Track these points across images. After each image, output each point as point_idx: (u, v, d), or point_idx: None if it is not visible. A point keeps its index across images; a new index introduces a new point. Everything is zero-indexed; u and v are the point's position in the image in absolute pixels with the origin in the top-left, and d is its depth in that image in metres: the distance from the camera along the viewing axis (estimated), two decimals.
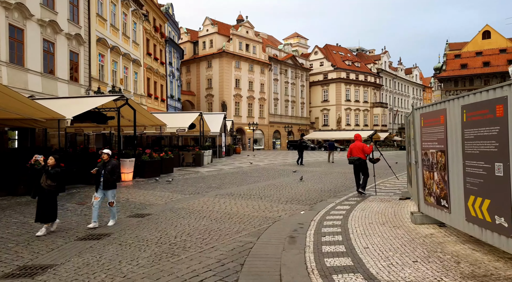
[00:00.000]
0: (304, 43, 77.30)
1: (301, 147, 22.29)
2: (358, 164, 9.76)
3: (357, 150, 9.89)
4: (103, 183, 6.79)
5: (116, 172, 7.01)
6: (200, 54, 50.67)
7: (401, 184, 11.83)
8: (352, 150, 10.03)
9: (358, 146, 9.97)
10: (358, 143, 10.07)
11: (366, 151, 9.90)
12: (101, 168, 6.91)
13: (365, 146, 9.99)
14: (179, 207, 8.55)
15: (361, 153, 9.84)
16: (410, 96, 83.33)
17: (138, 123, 16.02)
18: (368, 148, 10.05)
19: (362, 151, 9.87)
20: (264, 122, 53.18)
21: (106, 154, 7.06)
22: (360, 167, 9.80)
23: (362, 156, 9.83)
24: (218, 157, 28.32)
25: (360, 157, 9.78)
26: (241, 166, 20.20)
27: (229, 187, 11.94)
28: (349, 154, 10.09)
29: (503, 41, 55.78)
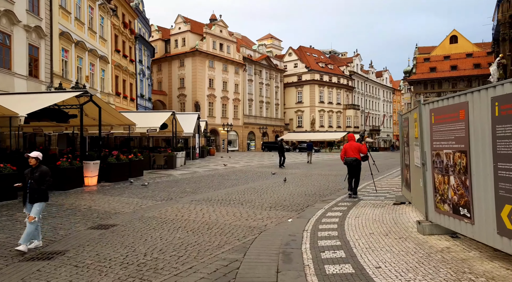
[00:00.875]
0: (278, 45, 77.15)
1: (282, 149, 21.37)
2: (355, 164, 9.27)
3: (353, 150, 9.38)
4: (29, 195, 5.37)
5: (46, 180, 5.48)
6: (172, 53, 49.10)
7: (389, 187, 11.29)
8: (347, 150, 9.48)
9: (354, 146, 9.46)
10: (353, 143, 9.57)
11: (362, 151, 9.41)
12: (28, 177, 5.49)
13: (361, 146, 9.51)
14: (150, 216, 7.51)
15: (357, 153, 9.35)
16: (380, 98, 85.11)
17: (104, 123, 14.69)
18: (364, 148, 9.58)
19: (358, 151, 9.37)
20: (238, 123, 52.26)
21: (33, 159, 5.53)
22: (356, 168, 9.33)
23: (359, 156, 9.33)
24: (192, 159, 27.13)
25: (356, 158, 9.29)
26: (217, 169, 19.20)
27: (205, 192, 10.96)
28: (343, 155, 9.55)
29: (470, 45, 57.83)
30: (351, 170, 9.39)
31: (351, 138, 9.81)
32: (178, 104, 47.74)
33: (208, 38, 48.19)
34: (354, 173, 9.37)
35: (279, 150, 21.41)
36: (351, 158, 9.34)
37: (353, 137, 9.92)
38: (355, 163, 9.28)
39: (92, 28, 26.69)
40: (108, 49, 30.10)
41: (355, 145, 9.53)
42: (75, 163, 11.80)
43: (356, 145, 9.53)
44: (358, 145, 9.55)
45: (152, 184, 12.87)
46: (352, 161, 9.29)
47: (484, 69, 53.67)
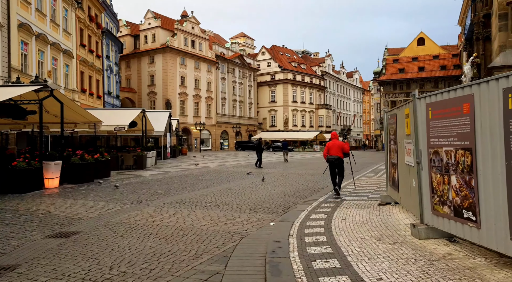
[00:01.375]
0: (250, 44, 76.65)
1: (260, 148, 20.74)
2: (338, 163, 9.16)
3: (335, 149, 9.24)
4: None
5: None
6: (142, 49, 47.47)
7: (369, 186, 11.04)
8: (330, 148, 9.33)
9: (337, 144, 9.32)
10: (336, 141, 9.44)
11: (345, 150, 9.32)
12: None
13: (344, 145, 9.40)
14: (117, 222, 6.79)
15: (340, 152, 9.21)
16: (351, 98, 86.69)
17: (67, 120, 13.63)
18: (347, 146, 9.47)
19: (341, 149, 9.24)
20: (211, 122, 51.35)
21: None
22: (338, 166, 9.21)
23: (341, 154, 9.20)
24: (163, 158, 26.12)
25: (339, 156, 9.16)
26: (190, 169, 18.44)
27: (178, 193, 10.27)
28: (326, 153, 9.39)
29: (436, 48, 59.89)
30: (334, 168, 9.29)
31: (334, 136, 9.65)
32: (148, 102, 46.21)
33: (180, 35, 46.96)
34: (338, 171, 9.26)
35: (256, 150, 20.68)
36: (333, 156, 9.20)
37: (336, 135, 9.75)
38: (337, 162, 9.17)
39: (55, 21, 25.13)
40: (72, 43, 28.51)
41: (338, 143, 9.38)
42: (33, 164, 10.75)
43: (339, 143, 9.40)
44: (341, 144, 9.41)
45: (120, 185, 12.00)
46: (335, 160, 9.17)
47: (450, 70, 55.74)
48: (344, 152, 9.29)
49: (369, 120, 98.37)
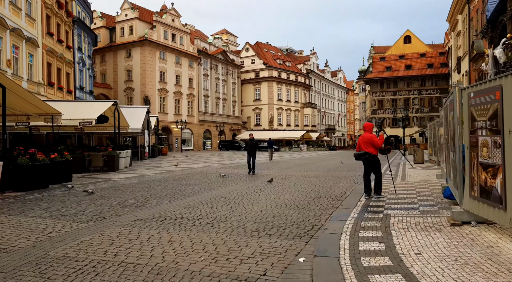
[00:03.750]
0: (233, 41, 74.03)
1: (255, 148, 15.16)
2: (365, 159, 7.76)
3: (364, 143, 7.89)
4: None
5: None
6: (118, 42, 44.26)
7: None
8: (360, 143, 8.03)
9: (366, 137, 7.91)
10: (366, 134, 8.04)
11: (376, 144, 7.81)
12: None
13: (373, 137, 7.87)
14: (59, 256, 4.33)
15: (369, 147, 7.80)
16: (335, 98, 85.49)
17: (16, 110, 10.89)
18: (378, 139, 7.92)
19: (370, 144, 7.82)
20: (193, 120, 48.58)
21: None
22: (368, 163, 7.79)
23: (371, 149, 7.77)
24: (140, 159, 23.37)
25: (366, 152, 7.76)
26: (171, 170, 15.87)
27: (156, 204, 7.79)
28: (358, 149, 8.14)
29: (423, 46, 59.13)
30: (365, 166, 7.96)
31: (366, 128, 8.22)
32: (124, 99, 43.05)
33: (159, 27, 44.01)
34: (372, 170, 7.87)
35: (250, 150, 14.97)
36: (361, 151, 7.89)
37: (369, 126, 8.20)
38: (364, 157, 7.77)
39: (16, 3, 22.04)
40: (37, 30, 25.36)
41: (367, 136, 7.93)
42: None
43: (368, 136, 7.89)
44: (370, 137, 7.88)
45: (79, 194, 9.37)
46: (360, 155, 7.82)
47: (437, 69, 55.03)
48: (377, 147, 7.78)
49: (353, 119, 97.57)
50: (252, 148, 15.04)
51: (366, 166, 7.96)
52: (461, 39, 35.64)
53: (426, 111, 54.81)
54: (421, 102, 55.30)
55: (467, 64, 31.71)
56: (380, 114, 58.11)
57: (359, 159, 7.89)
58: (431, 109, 55.03)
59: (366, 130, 8.14)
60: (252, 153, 14.92)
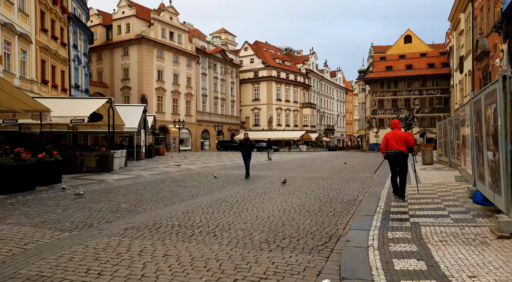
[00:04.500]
0: (232, 40, 73.31)
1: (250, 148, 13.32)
2: (400, 159, 7.20)
3: (397, 141, 7.29)
4: None
5: None
6: (115, 40, 43.42)
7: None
8: (389, 140, 7.41)
9: (399, 135, 7.36)
10: (398, 131, 7.47)
11: (411, 142, 7.39)
12: None
13: (409, 136, 7.48)
14: (30, 274, 3.60)
15: (403, 145, 7.29)
16: (334, 98, 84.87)
17: (1, 106, 10.09)
18: (412, 138, 7.52)
19: (404, 142, 7.31)
20: (191, 120, 47.78)
21: None
22: (400, 163, 7.29)
23: (404, 148, 7.28)
24: (136, 159, 22.56)
25: (401, 150, 7.23)
26: (168, 171, 15.09)
27: (150, 209, 7.03)
28: (384, 147, 7.49)
29: (423, 45, 58.53)
30: (395, 166, 7.41)
31: (395, 126, 7.60)
32: (121, 98, 42.22)
33: (157, 25, 43.20)
34: (399, 170, 7.34)
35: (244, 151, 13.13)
36: (394, 150, 7.25)
37: (398, 123, 7.63)
38: (400, 156, 7.21)
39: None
40: (31, 26, 24.54)
41: (400, 134, 7.41)
42: None
43: (402, 134, 7.42)
44: (405, 135, 7.45)
45: (68, 197, 8.59)
46: (396, 154, 7.21)
47: (438, 68, 54.43)
48: (408, 146, 7.32)
49: (352, 120, 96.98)
50: (246, 149, 13.05)
51: (396, 166, 7.33)
52: (464, 38, 35.01)
53: (427, 112, 54.20)
54: (422, 103, 54.66)
55: (470, 63, 31.08)
56: (380, 114, 57.49)
57: (394, 158, 7.23)
58: (431, 109, 54.44)
59: (396, 127, 7.52)
60: (247, 155, 13.08)
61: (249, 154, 13.08)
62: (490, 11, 23.74)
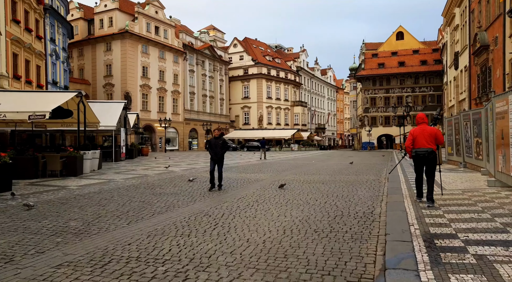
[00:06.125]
0: (221, 37, 71.32)
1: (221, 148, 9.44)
2: (431, 158, 6.25)
3: (426, 138, 6.28)
4: None
5: None
6: (97, 35, 41.24)
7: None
8: (416, 137, 6.37)
9: (428, 131, 6.34)
10: (426, 127, 6.42)
11: (441, 140, 6.46)
12: None
13: (439, 132, 6.50)
14: None
15: (433, 142, 6.32)
16: (325, 96, 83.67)
17: None
18: (442, 134, 6.61)
19: (434, 139, 6.34)
20: (178, 118, 45.83)
21: None
22: (430, 163, 6.32)
23: (434, 146, 6.31)
24: (115, 161, 20.65)
25: (432, 149, 6.26)
26: (146, 175, 13.29)
27: (107, 229, 5.29)
28: (410, 144, 6.44)
29: (415, 42, 57.62)
30: (422, 166, 6.43)
31: (423, 120, 6.54)
32: (104, 95, 40.10)
33: (141, 19, 41.16)
34: (428, 172, 6.39)
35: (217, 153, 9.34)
36: (424, 148, 6.25)
37: (425, 118, 6.59)
38: (432, 156, 6.26)
39: None
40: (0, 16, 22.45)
41: (429, 130, 6.37)
42: None
43: (432, 130, 6.40)
44: (434, 131, 6.43)
45: (7, 210, 6.78)
46: (427, 154, 6.24)
47: (431, 65, 53.53)
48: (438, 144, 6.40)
49: (342, 119, 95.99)
50: (217, 150, 9.24)
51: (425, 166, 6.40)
52: (459, 33, 33.90)
53: (420, 109, 53.23)
54: (414, 100, 53.70)
55: (466, 59, 29.93)
56: (372, 112, 56.38)
57: (425, 157, 6.25)
58: (424, 107, 53.53)
59: (424, 122, 6.50)
60: (218, 159, 9.29)
61: (221, 158, 9.35)
62: (490, 3, 22.55)
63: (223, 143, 9.45)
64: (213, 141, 9.49)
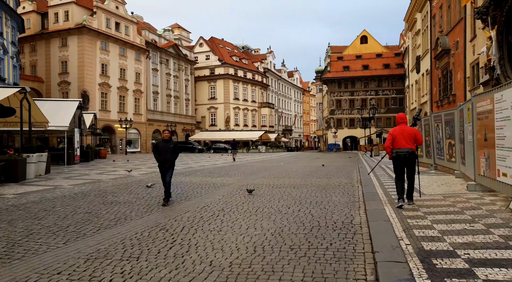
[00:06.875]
0: (186, 36, 69.47)
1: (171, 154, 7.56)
2: (412, 159, 6.20)
3: (405, 138, 6.17)
4: None
5: None
6: (51, 29, 38.53)
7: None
8: (395, 138, 6.22)
9: (408, 131, 6.24)
10: (405, 127, 6.32)
11: (420, 140, 6.33)
12: None
13: (418, 132, 6.35)
14: None
15: (412, 143, 6.23)
16: (292, 98, 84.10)
17: None
18: (421, 135, 6.40)
19: (413, 139, 6.24)
20: (140, 119, 43.85)
21: None
22: (410, 164, 6.28)
23: (414, 147, 6.24)
24: (68, 164, 18.95)
25: (412, 149, 6.19)
26: (99, 180, 12.02)
27: (36, 252, 4.24)
28: (390, 145, 6.29)
29: (379, 46, 59.06)
30: (403, 167, 6.28)
31: (402, 120, 6.40)
32: (59, 94, 37.47)
33: (100, 14, 38.94)
34: (408, 172, 6.32)
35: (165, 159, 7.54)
36: (405, 149, 6.16)
37: (404, 118, 6.45)
38: (412, 156, 6.19)
39: None
40: None
41: (410, 130, 6.29)
42: None
43: (411, 130, 6.32)
44: (414, 131, 6.33)
45: None
46: (408, 154, 6.16)
47: (393, 69, 55.03)
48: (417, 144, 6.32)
49: (309, 121, 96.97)
50: (167, 156, 7.49)
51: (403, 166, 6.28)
52: (421, 38, 34.84)
53: (383, 112, 54.53)
54: (378, 103, 54.94)
55: (428, 63, 30.72)
56: (338, 115, 57.09)
57: (404, 158, 6.14)
58: (387, 109, 54.89)
59: (403, 122, 6.37)
60: (167, 165, 7.53)
61: (171, 165, 7.59)
62: (451, 8, 23.11)
63: (174, 147, 7.63)
64: (162, 144, 7.62)
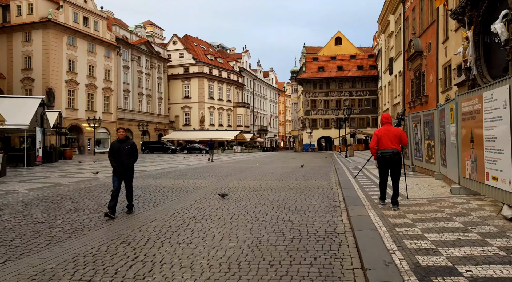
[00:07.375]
0: (159, 34, 67.82)
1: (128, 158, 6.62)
2: (397, 159, 6.04)
3: (391, 139, 6.03)
4: None
5: None
6: (14, 22, 36.31)
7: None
8: (381, 138, 6.08)
9: (393, 132, 6.13)
10: (390, 127, 6.20)
11: (405, 141, 6.20)
12: None
13: (403, 133, 6.29)
14: None
15: (397, 143, 6.08)
16: (268, 98, 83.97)
17: None
18: (406, 135, 6.49)
19: (398, 139, 6.10)
20: (110, 118, 42.15)
21: None
22: (395, 165, 6.09)
23: (399, 147, 6.09)
24: (28, 165, 17.61)
25: (397, 150, 6.03)
26: (60, 183, 11.05)
27: None
28: (375, 145, 6.14)
29: (353, 48, 59.80)
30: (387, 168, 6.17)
31: (387, 120, 6.26)
32: (22, 91, 35.34)
33: (67, 8, 37.06)
34: (393, 174, 6.17)
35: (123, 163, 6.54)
36: (390, 149, 6.03)
37: (389, 118, 6.34)
38: (397, 157, 6.07)
39: None
40: None
41: (395, 131, 6.20)
42: None
43: (396, 131, 6.23)
44: (399, 131, 6.24)
45: None
46: (393, 154, 6.03)
47: (366, 71, 55.82)
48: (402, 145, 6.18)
49: (284, 121, 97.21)
50: (123, 159, 6.48)
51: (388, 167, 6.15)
52: (394, 40, 35.32)
53: (357, 113, 55.19)
54: (352, 104, 55.58)
55: (401, 64, 31.15)
56: (313, 115, 57.31)
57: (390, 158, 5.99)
58: (361, 110, 55.61)
59: (388, 122, 6.24)
60: (125, 171, 6.59)
61: (128, 170, 6.60)
62: (424, 11, 23.41)
63: (130, 148, 6.50)
64: (116, 145, 6.50)
